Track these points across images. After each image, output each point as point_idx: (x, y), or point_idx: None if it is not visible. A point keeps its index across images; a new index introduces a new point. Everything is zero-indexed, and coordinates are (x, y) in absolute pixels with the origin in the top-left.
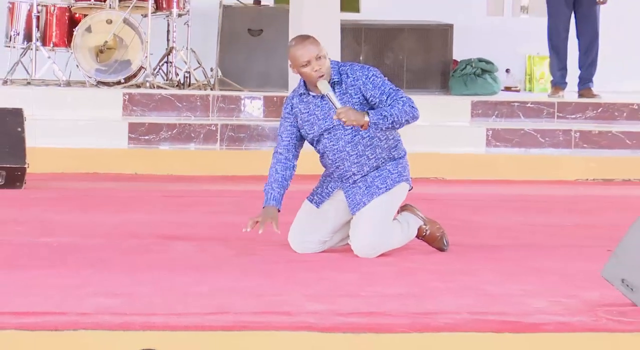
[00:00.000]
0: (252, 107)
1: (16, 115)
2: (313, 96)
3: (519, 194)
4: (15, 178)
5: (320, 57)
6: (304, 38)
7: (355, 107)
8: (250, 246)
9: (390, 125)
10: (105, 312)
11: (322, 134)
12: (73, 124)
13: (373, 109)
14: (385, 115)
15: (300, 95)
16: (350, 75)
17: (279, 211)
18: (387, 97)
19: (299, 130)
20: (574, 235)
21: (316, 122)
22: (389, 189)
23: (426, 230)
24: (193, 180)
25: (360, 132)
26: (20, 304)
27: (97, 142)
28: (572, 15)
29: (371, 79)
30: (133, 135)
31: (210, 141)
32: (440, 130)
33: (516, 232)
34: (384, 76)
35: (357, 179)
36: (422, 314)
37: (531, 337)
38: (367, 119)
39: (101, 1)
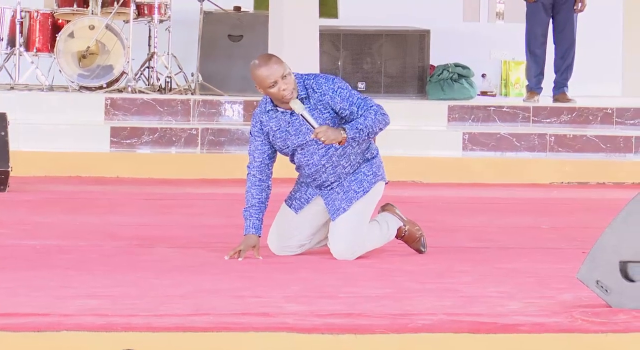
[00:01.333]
0: (232, 111)
1: (0, 119)
2: (282, 112)
3: (495, 196)
4: None
5: (285, 76)
6: (267, 58)
7: (327, 122)
8: (230, 248)
9: (366, 137)
10: (88, 313)
11: (296, 150)
12: (56, 128)
13: (343, 119)
14: (360, 128)
15: (268, 111)
16: (317, 90)
17: (259, 237)
18: (358, 108)
19: (271, 148)
20: (549, 237)
21: (288, 138)
22: (367, 191)
23: (405, 230)
24: (174, 184)
25: (333, 145)
26: (4, 306)
27: (80, 146)
28: (550, 20)
29: (338, 92)
30: (115, 139)
31: (191, 145)
32: (417, 134)
33: (492, 235)
34: (350, 85)
35: (335, 185)
36: (399, 315)
37: (507, 338)
38: (344, 135)
39: (84, 7)
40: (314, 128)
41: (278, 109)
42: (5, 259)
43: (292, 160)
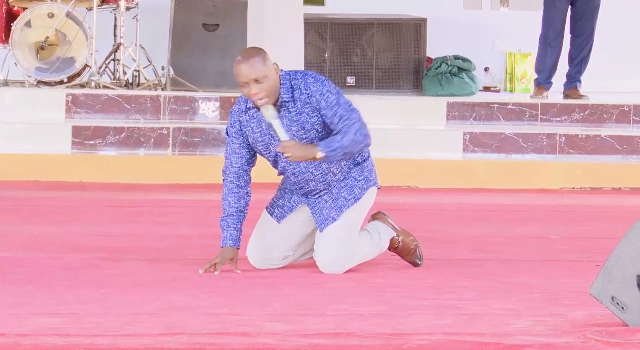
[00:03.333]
0: (208, 109)
1: None
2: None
3: (499, 203)
4: None
5: (261, 79)
6: (250, 55)
7: (316, 127)
8: (205, 261)
9: (342, 157)
10: (48, 333)
11: (279, 156)
12: (11, 128)
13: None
14: (336, 148)
15: (248, 110)
16: (305, 91)
17: (237, 249)
18: (339, 121)
19: (250, 151)
20: (559, 248)
21: (272, 142)
22: (358, 199)
23: (399, 242)
24: (143, 189)
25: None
26: None
27: (38, 148)
28: (569, 7)
29: (325, 96)
30: (77, 140)
31: (162, 146)
32: (413, 134)
33: (496, 246)
34: (340, 93)
35: (323, 194)
36: (393, 335)
37: None
38: (318, 154)
39: None
40: (280, 141)
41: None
42: None
43: (275, 167)
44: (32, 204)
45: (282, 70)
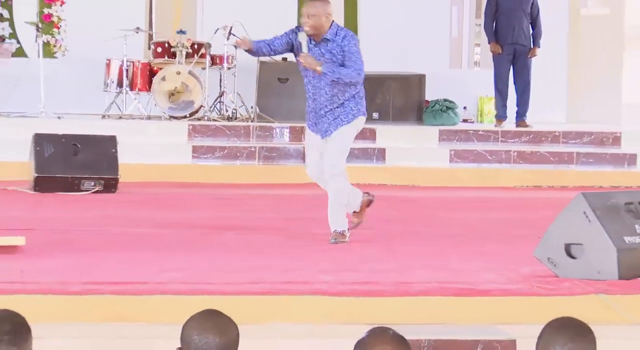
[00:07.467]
0: (281, 134)
1: (112, 140)
2: (315, 43)
3: (474, 196)
4: (111, 185)
5: (311, 16)
6: (312, 0)
7: (332, 60)
8: (280, 234)
9: (336, 78)
10: (174, 281)
11: (310, 72)
12: (152, 147)
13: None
14: (334, 71)
15: (299, 30)
16: (343, 39)
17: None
18: (348, 61)
19: (284, 45)
20: (514, 226)
21: (298, 51)
22: (350, 121)
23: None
24: (238, 187)
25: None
26: (113, 276)
27: (170, 159)
28: (511, 67)
29: (348, 46)
30: (195, 155)
31: (251, 159)
32: (416, 150)
33: (474, 225)
34: (359, 50)
35: (327, 112)
36: (402, 283)
37: (482, 300)
38: (319, 68)
39: (172, 58)
40: (301, 52)
41: (312, 38)
42: (113, 242)
43: (302, 75)
44: (165, 198)
45: (336, 23)
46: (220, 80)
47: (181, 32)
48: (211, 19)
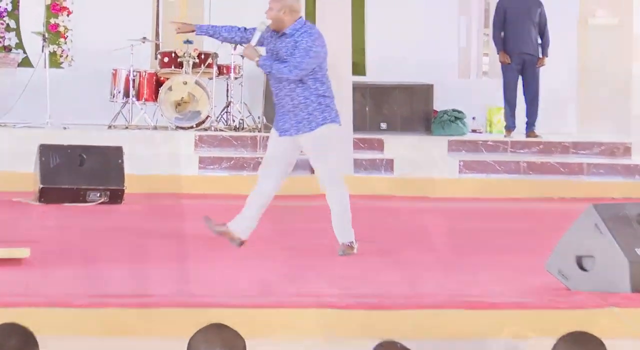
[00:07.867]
0: None
1: (118, 151)
2: (277, 36)
3: (484, 207)
4: (117, 196)
5: (270, 8)
6: None
7: (286, 54)
8: (288, 246)
9: (268, 72)
10: (181, 294)
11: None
12: (159, 157)
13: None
14: (269, 65)
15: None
16: (301, 35)
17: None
18: (290, 57)
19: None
20: (524, 238)
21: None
22: (313, 130)
23: None
24: (245, 198)
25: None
26: (117, 288)
27: (176, 170)
28: (520, 77)
29: (301, 42)
30: (202, 165)
31: (258, 169)
32: (425, 161)
33: (482, 236)
34: (312, 48)
35: (289, 110)
36: (413, 296)
37: (493, 313)
38: (256, 60)
39: (179, 68)
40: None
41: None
42: (120, 254)
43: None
44: (172, 208)
45: (304, 20)
46: (227, 90)
47: (188, 42)
48: None
